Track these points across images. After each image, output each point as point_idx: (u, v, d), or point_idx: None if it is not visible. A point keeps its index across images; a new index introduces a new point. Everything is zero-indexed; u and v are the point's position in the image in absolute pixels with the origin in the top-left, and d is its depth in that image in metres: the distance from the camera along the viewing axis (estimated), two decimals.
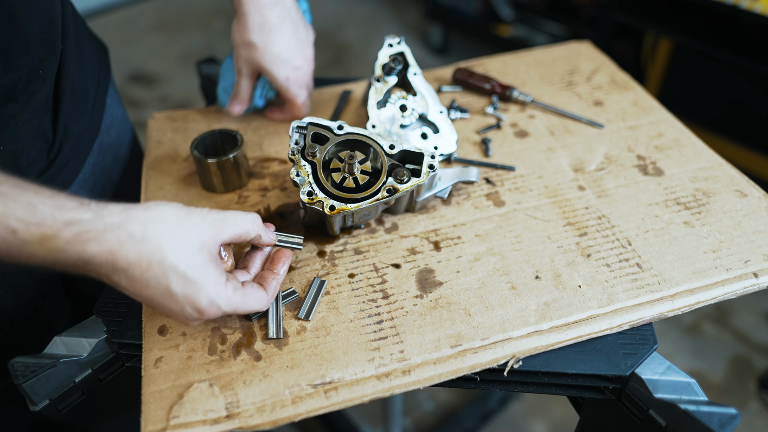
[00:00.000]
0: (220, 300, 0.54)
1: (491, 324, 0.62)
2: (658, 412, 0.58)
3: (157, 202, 0.52)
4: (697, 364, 1.68)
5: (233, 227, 0.56)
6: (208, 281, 0.52)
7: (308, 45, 0.84)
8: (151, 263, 0.49)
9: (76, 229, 0.47)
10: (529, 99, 0.93)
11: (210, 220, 0.54)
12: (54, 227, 0.46)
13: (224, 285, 0.54)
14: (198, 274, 0.52)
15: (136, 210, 0.50)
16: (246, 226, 0.57)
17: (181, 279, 0.51)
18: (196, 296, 0.52)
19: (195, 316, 0.53)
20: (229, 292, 0.54)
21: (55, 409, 0.62)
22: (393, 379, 0.58)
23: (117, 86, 0.95)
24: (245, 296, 0.56)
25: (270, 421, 0.55)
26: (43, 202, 0.46)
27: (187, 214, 0.53)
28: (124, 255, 0.48)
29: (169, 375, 0.58)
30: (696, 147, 0.85)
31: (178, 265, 0.50)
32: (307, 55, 0.84)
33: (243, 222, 0.57)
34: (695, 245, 0.70)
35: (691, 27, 1.75)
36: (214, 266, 0.53)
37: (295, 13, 0.81)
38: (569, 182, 0.80)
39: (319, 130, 0.69)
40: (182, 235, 0.51)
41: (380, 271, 0.69)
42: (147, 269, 0.49)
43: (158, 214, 0.51)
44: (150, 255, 0.49)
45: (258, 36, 0.78)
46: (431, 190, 0.73)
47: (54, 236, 0.46)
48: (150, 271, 0.49)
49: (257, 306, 0.58)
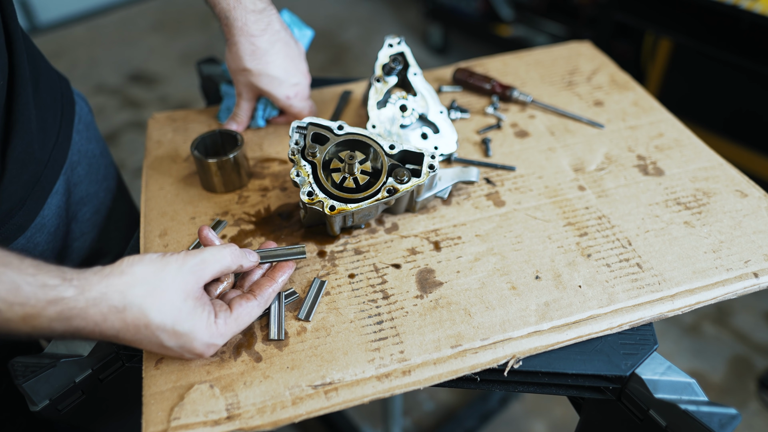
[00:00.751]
0: (216, 339, 0.55)
1: (491, 324, 0.62)
2: (658, 412, 0.58)
3: (130, 259, 0.52)
4: (697, 364, 1.68)
5: (213, 267, 0.56)
6: (199, 328, 0.54)
7: (301, 60, 0.84)
8: (138, 327, 0.51)
9: (59, 308, 0.47)
10: (529, 99, 0.93)
11: (188, 267, 0.54)
12: (37, 306, 0.47)
13: (215, 325, 0.55)
14: (187, 326, 0.53)
15: (113, 277, 0.50)
16: (225, 263, 0.57)
17: (171, 335, 0.52)
18: (191, 345, 0.54)
19: (195, 356, 0.57)
20: (222, 328, 0.56)
21: (55, 409, 0.62)
22: (393, 379, 0.58)
23: (93, 120, 0.89)
24: (238, 319, 0.57)
25: (270, 422, 0.55)
26: (26, 281, 0.46)
27: (163, 268, 0.53)
28: (110, 326, 0.50)
29: (170, 376, 0.58)
30: (696, 147, 0.85)
31: (165, 324, 0.52)
32: (302, 70, 0.84)
33: (222, 259, 0.57)
34: (695, 245, 0.70)
35: (691, 27, 1.75)
36: (200, 311, 0.54)
37: (284, 34, 0.80)
38: (569, 182, 0.80)
39: (319, 130, 0.69)
40: (163, 293, 0.52)
41: (380, 271, 0.69)
42: (136, 333, 0.51)
43: (134, 277, 0.51)
44: (135, 321, 0.50)
45: (251, 63, 0.79)
46: (431, 190, 0.73)
47: (38, 315, 0.47)
48: (139, 334, 0.51)
49: (253, 318, 0.59)
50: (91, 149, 0.86)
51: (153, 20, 3.39)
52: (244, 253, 0.60)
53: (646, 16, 1.83)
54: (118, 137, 2.57)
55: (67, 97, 0.81)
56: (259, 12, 0.77)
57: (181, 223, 0.75)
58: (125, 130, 2.60)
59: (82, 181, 0.83)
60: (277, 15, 0.81)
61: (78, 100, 0.85)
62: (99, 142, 0.89)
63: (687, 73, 2.04)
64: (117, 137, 2.57)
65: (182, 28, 3.31)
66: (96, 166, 0.87)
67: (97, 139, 0.89)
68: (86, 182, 0.84)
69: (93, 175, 0.86)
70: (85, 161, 0.84)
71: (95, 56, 3.09)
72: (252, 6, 0.76)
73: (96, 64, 3.02)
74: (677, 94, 2.08)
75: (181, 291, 0.53)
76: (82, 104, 0.86)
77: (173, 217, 0.76)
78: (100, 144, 0.89)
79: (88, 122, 0.87)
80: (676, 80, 2.07)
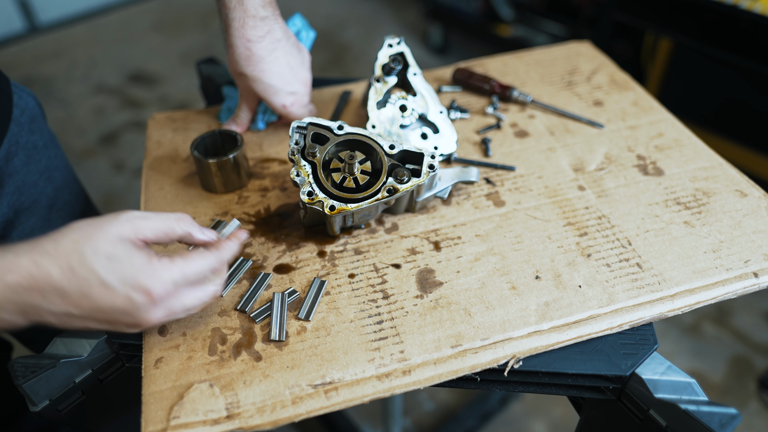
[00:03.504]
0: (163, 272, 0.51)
1: (491, 324, 0.62)
2: (658, 412, 0.58)
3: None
4: (697, 364, 1.68)
5: (154, 222, 0.54)
6: (138, 258, 0.50)
7: (303, 68, 0.83)
8: (73, 267, 0.47)
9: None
10: (529, 99, 0.93)
11: (126, 217, 0.52)
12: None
13: (159, 259, 0.52)
14: (125, 253, 0.49)
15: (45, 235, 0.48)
16: (170, 223, 0.55)
17: (108, 261, 0.48)
18: (133, 275, 0.49)
19: (145, 301, 0.50)
20: (167, 262, 0.52)
21: (55, 410, 0.62)
22: (393, 379, 0.58)
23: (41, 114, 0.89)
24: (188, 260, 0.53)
25: (270, 421, 0.55)
26: None
27: (99, 219, 0.51)
28: (45, 272, 0.46)
29: (170, 375, 0.58)
30: (696, 147, 0.85)
31: (99, 250, 0.48)
32: (302, 79, 0.83)
33: (166, 219, 0.55)
34: (695, 245, 0.70)
35: (691, 27, 1.75)
36: (138, 250, 0.51)
37: (285, 42, 0.79)
38: (569, 182, 0.80)
39: (319, 130, 0.69)
40: (97, 232, 0.49)
41: (380, 271, 0.69)
42: (72, 275, 0.47)
43: (68, 228, 0.49)
44: (68, 259, 0.47)
45: (246, 68, 0.78)
46: (431, 190, 0.73)
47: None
48: (75, 274, 0.47)
49: (205, 263, 0.55)
50: (33, 141, 0.86)
51: (153, 20, 3.39)
52: (199, 226, 0.58)
53: (646, 16, 1.83)
54: (118, 137, 2.57)
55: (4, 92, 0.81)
56: (260, 19, 0.76)
57: None
58: (125, 130, 2.60)
59: (18, 171, 0.82)
60: (282, 24, 0.80)
61: (23, 95, 0.85)
62: (44, 135, 0.89)
63: (687, 73, 2.04)
64: (117, 137, 2.57)
65: (182, 28, 3.31)
66: (36, 158, 0.86)
67: (42, 131, 0.89)
68: (23, 173, 0.83)
69: (32, 166, 0.85)
70: (24, 152, 0.83)
71: (95, 56, 3.09)
72: (253, 11, 0.76)
73: (96, 64, 3.02)
74: (677, 94, 2.08)
75: (117, 234, 0.50)
76: (28, 99, 0.86)
77: None
78: (45, 136, 0.89)
79: (34, 116, 0.87)
80: (676, 80, 2.07)
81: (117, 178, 2.37)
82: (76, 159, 2.45)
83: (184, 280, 0.53)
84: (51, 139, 0.91)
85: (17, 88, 0.84)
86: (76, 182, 0.97)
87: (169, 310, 0.53)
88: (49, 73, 2.97)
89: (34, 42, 3.17)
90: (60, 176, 0.91)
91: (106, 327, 0.52)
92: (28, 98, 0.86)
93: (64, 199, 0.91)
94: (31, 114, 0.86)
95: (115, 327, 0.52)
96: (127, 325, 0.52)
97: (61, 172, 0.92)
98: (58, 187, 0.90)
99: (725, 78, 1.95)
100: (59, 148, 0.93)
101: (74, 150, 2.50)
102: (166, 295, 0.52)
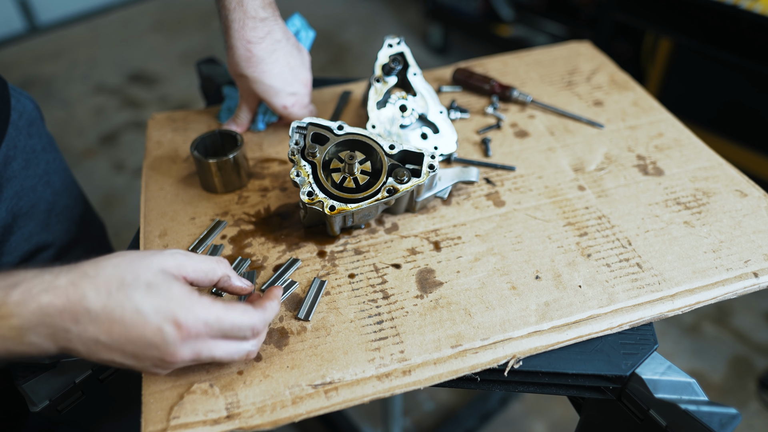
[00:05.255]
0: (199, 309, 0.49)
1: (491, 324, 0.62)
2: (658, 412, 0.58)
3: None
4: (697, 364, 1.68)
5: (196, 261, 0.53)
6: (178, 289, 0.49)
7: (303, 69, 0.83)
8: (111, 290, 0.46)
9: (23, 288, 0.44)
10: (529, 99, 0.93)
11: (170, 252, 0.52)
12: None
13: (200, 296, 0.50)
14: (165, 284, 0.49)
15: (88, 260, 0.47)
16: (211, 264, 0.55)
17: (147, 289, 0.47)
18: (168, 307, 0.48)
19: (175, 336, 0.48)
20: (207, 301, 0.50)
21: (55, 410, 0.62)
22: (393, 379, 0.58)
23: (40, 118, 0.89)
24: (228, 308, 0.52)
25: (270, 421, 0.55)
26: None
27: (145, 250, 0.51)
28: (81, 293, 0.45)
29: (170, 375, 0.58)
30: (696, 147, 0.85)
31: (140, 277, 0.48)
32: (303, 79, 0.83)
33: (208, 260, 0.55)
34: (695, 245, 0.70)
35: (691, 27, 1.75)
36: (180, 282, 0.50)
37: (285, 43, 0.79)
38: (569, 182, 0.80)
39: (319, 130, 0.69)
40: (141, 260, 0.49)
41: (380, 271, 0.69)
42: (108, 298, 0.46)
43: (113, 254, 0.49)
44: (107, 282, 0.46)
45: (247, 69, 0.78)
46: (431, 190, 0.73)
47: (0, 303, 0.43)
48: (111, 298, 0.46)
49: (245, 318, 0.53)
50: (31, 144, 0.85)
51: (153, 20, 3.39)
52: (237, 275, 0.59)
53: (646, 16, 1.83)
54: (118, 137, 2.57)
55: (2, 96, 0.80)
56: (260, 20, 0.76)
57: (181, 224, 0.75)
58: (125, 130, 2.60)
59: (16, 175, 0.81)
60: (282, 25, 0.80)
61: (21, 99, 0.85)
62: (42, 139, 0.88)
63: (687, 73, 2.04)
64: (117, 137, 2.57)
65: (182, 28, 3.31)
66: (35, 162, 0.86)
67: (41, 135, 0.88)
68: (21, 177, 0.83)
69: (31, 170, 0.85)
70: (22, 156, 0.83)
71: (95, 56, 3.09)
72: (253, 12, 0.75)
73: (96, 64, 3.02)
74: (677, 94, 2.08)
75: (160, 266, 0.49)
76: (26, 102, 0.86)
77: (173, 217, 0.76)
78: (44, 140, 0.89)
79: (33, 119, 0.87)
80: (676, 80, 2.07)
81: (117, 178, 2.37)
82: (76, 159, 2.45)
83: (218, 326, 0.51)
84: (49, 143, 0.91)
85: (15, 92, 0.84)
86: (75, 186, 0.97)
87: (195, 352, 0.51)
88: (49, 73, 2.97)
89: (34, 42, 3.17)
90: (59, 180, 0.91)
91: (131, 363, 0.49)
92: (26, 101, 0.86)
93: (63, 204, 0.91)
94: (29, 117, 0.85)
95: (140, 363, 0.50)
96: (152, 361, 0.50)
97: (60, 176, 0.92)
98: (57, 191, 0.90)
99: (725, 78, 1.95)
100: (58, 152, 0.93)
101: (74, 150, 2.50)
102: (197, 333, 0.50)
